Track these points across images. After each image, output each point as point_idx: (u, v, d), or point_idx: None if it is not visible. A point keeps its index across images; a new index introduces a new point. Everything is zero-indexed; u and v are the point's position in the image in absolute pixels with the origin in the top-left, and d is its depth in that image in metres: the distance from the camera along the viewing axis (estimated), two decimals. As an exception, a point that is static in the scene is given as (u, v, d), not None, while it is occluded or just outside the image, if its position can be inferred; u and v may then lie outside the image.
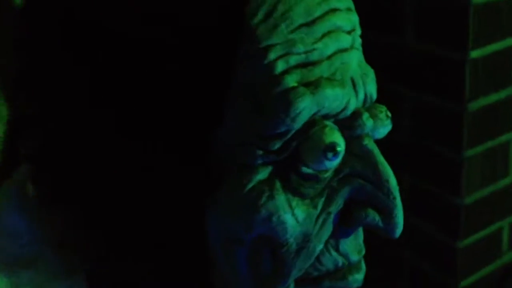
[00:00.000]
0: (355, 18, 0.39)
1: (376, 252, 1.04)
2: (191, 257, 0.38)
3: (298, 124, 0.35)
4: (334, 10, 0.37)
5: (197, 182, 0.36)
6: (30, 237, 0.42)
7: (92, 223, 0.40)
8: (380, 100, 0.40)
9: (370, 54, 0.42)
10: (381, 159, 0.38)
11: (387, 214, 0.38)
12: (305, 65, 0.36)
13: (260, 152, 0.36)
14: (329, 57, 0.36)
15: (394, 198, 0.38)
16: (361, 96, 0.38)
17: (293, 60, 0.35)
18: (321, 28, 0.36)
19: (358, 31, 0.40)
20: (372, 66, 0.40)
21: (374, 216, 0.38)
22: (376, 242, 0.46)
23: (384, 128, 0.40)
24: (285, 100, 0.35)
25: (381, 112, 0.40)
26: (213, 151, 0.37)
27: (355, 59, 0.38)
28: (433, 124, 1.09)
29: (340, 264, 0.39)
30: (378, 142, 0.40)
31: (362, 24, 0.40)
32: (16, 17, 0.42)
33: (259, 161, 0.36)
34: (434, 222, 1.14)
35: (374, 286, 1.14)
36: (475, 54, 1.01)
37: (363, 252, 0.41)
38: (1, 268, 0.40)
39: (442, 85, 1.04)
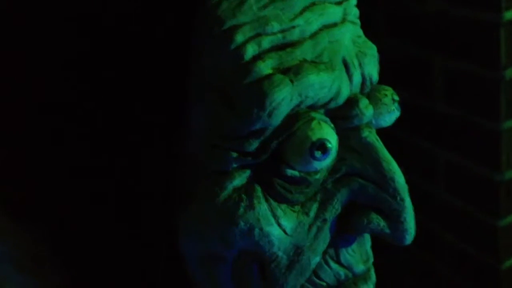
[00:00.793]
0: None
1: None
2: (167, 283, 0.33)
3: (277, 119, 0.29)
4: None
5: (159, 201, 0.31)
6: None
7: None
8: (410, 69, 0.33)
9: (400, 22, 0.34)
10: (384, 153, 0.32)
11: (394, 218, 0.32)
12: (282, 47, 0.30)
13: (234, 155, 0.30)
14: (313, 36, 0.30)
15: (402, 200, 0.32)
16: (357, 79, 0.32)
17: (266, 42, 0.29)
18: (300, 0, 0.30)
19: (353, 1, 0.33)
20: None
21: (378, 222, 0.32)
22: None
23: (390, 114, 0.34)
24: (258, 92, 0.29)
25: (386, 95, 0.34)
26: (179, 161, 0.31)
27: (348, 35, 0.32)
28: (468, 93, 1.00)
29: (342, 277, 0.33)
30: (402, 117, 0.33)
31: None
32: None
33: (234, 165, 0.30)
34: (472, 200, 1.07)
35: (411, 269, 1.07)
36: (510, 15, 0.92)
37: (371, 260, 0.35)
38: None
39: (476, 51, 0.96)
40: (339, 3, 0.31)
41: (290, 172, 0.30)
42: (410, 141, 1.11)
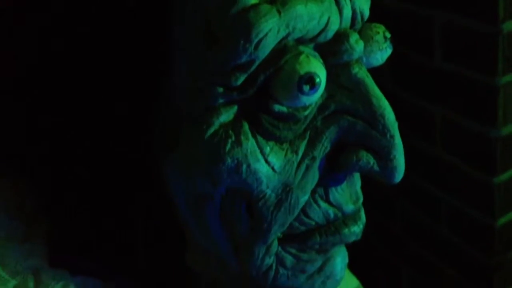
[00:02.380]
0: None
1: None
2: (156, 221, 0.33)
3: (264, 51, 0.29)
4: None
5: (151, 134, 0.31)
6: None
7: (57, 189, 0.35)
8: (407, 23, 0.33)
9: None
10: (374, 90, 0.31)
11: (383, 156, 0.31)
12: None
13: (221, 90, 0.29)
14: None
15: (392, 136, 0.31)
16: (347, 13, 0.31)
17: None
18: None
19: None
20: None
21: (368, 159, 0.32)
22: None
23: (382, 52, 0.33)
24: (244, 22, 0.28)
25: (378, 33, 0.33)
26: (168, 102, 0.31)
27: None
28: (465, 48, 0.99)
29: (332, 216, 0.33)
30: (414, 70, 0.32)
31: None
32: None
33: (220, 101, 0.30)
34: (467, 157, 1.06)
35: (406, 227, 1.08)
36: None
37: (361, 200, 0.35)
38: None
39: (474, 4, 0.94)
40: None
41: (278, 107, 0.30)
42: (405, 97, 1.10)
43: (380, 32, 0.33)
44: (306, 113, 0.31)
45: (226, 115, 0.30)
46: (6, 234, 0.37)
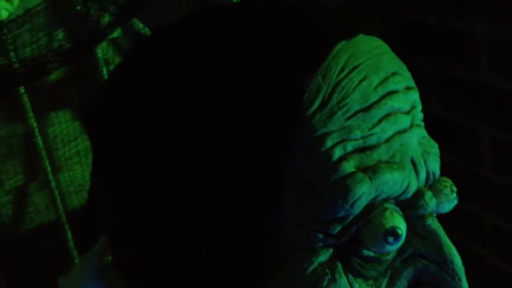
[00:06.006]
0: (414, 95, 0.39)
1: None
2: None
3: (357, 209, 0.36)
4: (391, 93, 0.37)
5: (259, 267, 0.37)
6: None
7: None
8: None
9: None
10: (445, 239, 0.38)
11: None
12: (363, 150, 0.36)
13: (320, 236, 0.36)
14: (387, 140, 0.37)
15: (460, 279, 0.37)
16: (423, 175, 0.38)
17: (350, 146, 0.36)
18: (378, 112, 0.36)
19: (419, 107, 0.39)
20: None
21: None
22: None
23: (449, 203, 0.40)
24: (344, 187, 0.35)
25: (446, 187, 0.40)
26: (273, 233, 0.37)
27: (416, 137, 0.38)
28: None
29: None
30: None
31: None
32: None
33: (320, 244, 0.36)
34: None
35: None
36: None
37: None
38: None
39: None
40: (408, 112, 0.38)
41: (366, 252, 0.37)
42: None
43: (448, 186, 0.40)
44: (389, 257, 0.37)
45: (324, 256, 0.37)
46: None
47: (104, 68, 1.56)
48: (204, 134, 0.36)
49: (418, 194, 0.38)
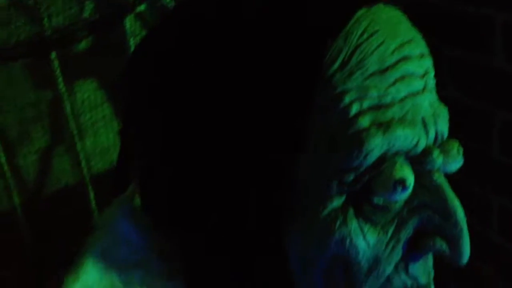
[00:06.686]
0: (428, 62, 0.43)
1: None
2: (276, 279, 0.43)
3: (370, 160, 0.40)
4: (406, 58, 0.41)
5: (279, 211, 0.41)
6: (139, 244, 0.49)
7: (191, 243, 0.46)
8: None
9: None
10: (450, 193, 0.42)
11: (454, 243, 0.42)
12: (378, 107, 0.40)
13: (336, 183, 0.40)
14: (401, 100, 0.40)
15: (461, 228, 0.41)
16: (432, 134, 0.42)
17: (367, 103, 0.40)
18: (393, 74, 0.40)
19: (432, 74, 0.43)
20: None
21: (441, 245, 0.42)
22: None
23: (455, 163, 0.44)
24: (359, 140, 0.39)
25: (453, 148, 0.43)
26: (294, 181, 0.42)
27: (427, 100, 0.42)
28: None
29: (408, 285, 0.43)
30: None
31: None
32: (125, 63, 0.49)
33: (334, 191, 0.41)
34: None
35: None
36: None
37: (432, 275, 0.45)
38: (113, 268, 0.47)
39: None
40: (421, 77, 0.42)
41: (376, 200, 0.41)
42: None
43: (455, 148, 0.44)
44: (397, 206, 0.41)
45: (337, 202, 0.41)
46: (158, 272, 0.47)
47: (132, 39, 1.60)
48: (237, 89, 0.40)
49: (427, 151, 0.42)
